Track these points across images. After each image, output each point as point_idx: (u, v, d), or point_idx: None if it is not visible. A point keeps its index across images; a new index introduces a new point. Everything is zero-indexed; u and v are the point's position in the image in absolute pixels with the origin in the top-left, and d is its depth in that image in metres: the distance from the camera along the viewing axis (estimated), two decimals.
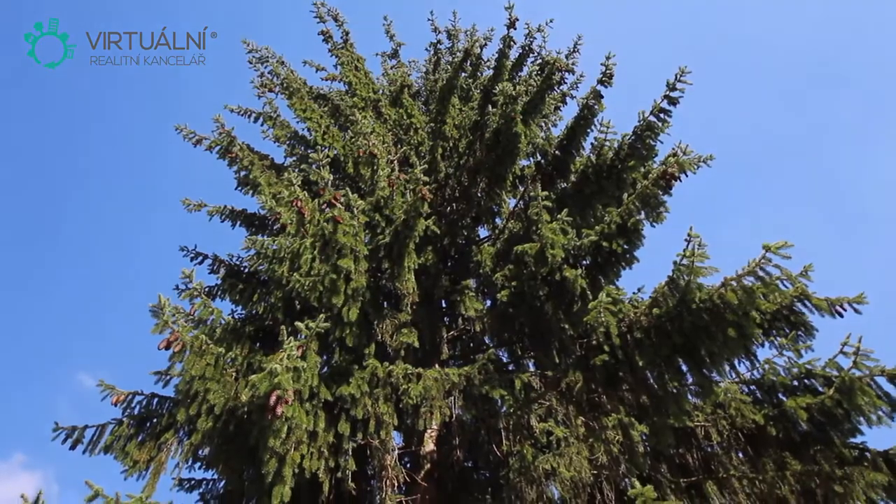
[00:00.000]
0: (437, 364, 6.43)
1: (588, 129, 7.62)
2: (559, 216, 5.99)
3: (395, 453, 5.37)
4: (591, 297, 5.46)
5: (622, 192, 6.89)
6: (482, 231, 8.97)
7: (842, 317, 5.13)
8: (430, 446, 6.05)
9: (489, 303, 7.21)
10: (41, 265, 40.90)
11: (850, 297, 5.09)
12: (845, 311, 5.11)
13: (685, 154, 5.67)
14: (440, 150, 8.47)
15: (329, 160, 6.54)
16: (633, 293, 6.80)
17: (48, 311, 41.27)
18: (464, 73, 9.83)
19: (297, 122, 9.12)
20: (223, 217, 8.54)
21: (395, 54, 12.25)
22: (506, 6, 8.68)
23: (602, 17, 43.99)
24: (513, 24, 8.88)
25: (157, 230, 43.82)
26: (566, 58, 8.56)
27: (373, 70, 10.83)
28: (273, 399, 4.11)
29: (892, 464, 5.14)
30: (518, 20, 8.89)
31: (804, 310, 5.26)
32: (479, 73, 10.48)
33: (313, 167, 7.48)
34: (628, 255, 5.84)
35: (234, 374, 5.22)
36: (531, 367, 7.01)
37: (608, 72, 7.18)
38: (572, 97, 9.30)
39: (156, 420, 5.71)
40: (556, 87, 8.64)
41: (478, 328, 6.71)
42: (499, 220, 8.72)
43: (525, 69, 9.81)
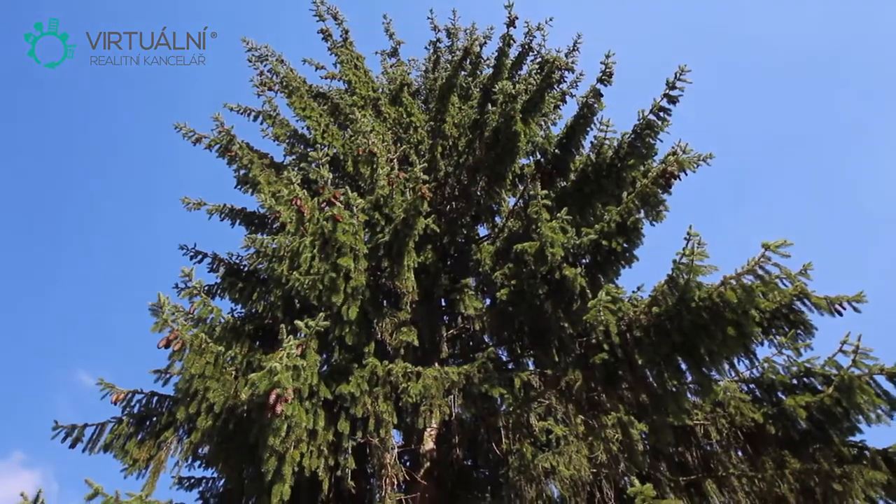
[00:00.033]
0: (436, 363, 6.44)
1: (588, 128, 7.61)
2: (559, 215, 5.99)
3: (395, 452, 5.37)
4: (590, 295, 5.47)
5: (622, 191, 6.88)
6: (482, 230, 8.98)
7: (841, 315, 5.14)
8: (429, 445, 6.05)
9: (489, 301, 7.21)
10: (41, 263, 40.91)
11: (850, 295, 5.11)
12: (844, 309, 5.12)
13: (685, 153, 5.66)
14: (440, 148, 8.47)
15: (328, 159, 6.52)
16: (633, 292, 6.82)
17: (48, 310, 41.31)
18: (463, 72, 9.82)
19: (297, 121, 9.11)
20: (223, 215, 8.54)
21: (394, 52, 12.23)
22: (505, 4, 8.66)
23: (602, 15, 43.96)
24: (512, 23, 8.86)
25: (156, 229, 43.83)
26: (566, 56, 8.54)
27: (372, 68, 10.83)
28: (273, 397, 4.10)
29: (891, 462, 5.15)
30: (518, 18, 8.87)
31: (803, 308, 5.28)
32: (478, 72, 10.48)
33: (313, 166, 7.47)
34: (628, 254, 5.85)
35: (233, 372, 5.22)
36: (531, 366, 7.01)
37: (608, 70, 7.18)
38: (572, 96, 9.28)
39: (155, 418, 5.72)
40: (555, 86, 8.62)
41: (477, 327, 6.72)
42: (498, 219, 8.72)
43: (525, 68, 9.81)
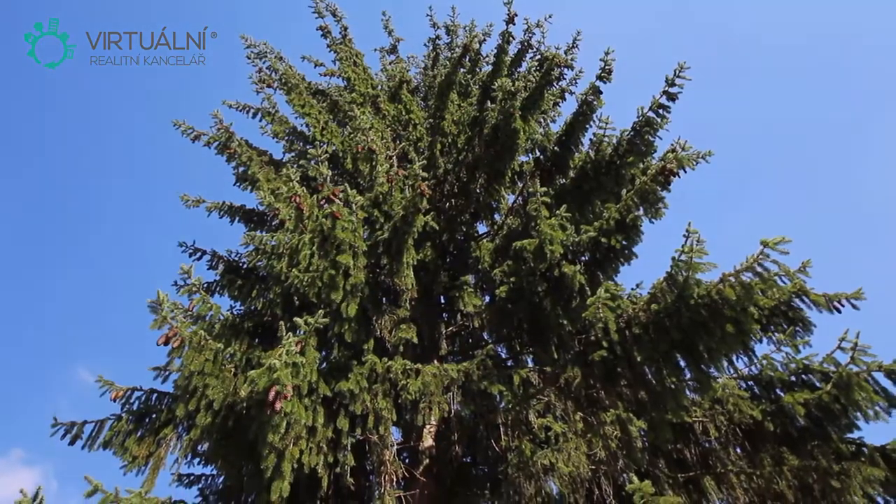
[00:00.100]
0: (435, 360, 6.45)
1: (587, 125, 7.61)
2: (558, 212, 5.99)
3: (394, 448, 5.38)
4: (589, 292, 5.47)
5: (621, 188, 6.88)
6: (481, 227, 8.97)
7: (839, 312, 5.15)
8: (428, 442, 6.06)
9: (488, 299, 7.21)
10: (40, 261, 40.86)
11: (848, 292, 5.12)
12: (843, 306, 5.13)
13: (684, 150, 5.66)
14: (439, 145, 8.46)
15: (328, 156, 6.52)
16: (632, 289, 6.84)
17: (48, 307, 41.28)
18: (462, 69, 9.80)
19: (296, 118, 9.10)
20: (222, 213, 8.53)
21: (393, 50, 12.21)
22: (505, 2, 8.64)
23: (601, 13, 43.88)
24: (511, 20, 8.84)
25: (156, 227, 43.79)
26: (565, 53, 8.53)
27: (371, 66, 10.81)
28: (272, 394, 4.11)
29: (888, 459, 5.16)
30: (517, 15, 8.85)
31: (802, 305, 5.29)
32: (477, 69, 10.46)
33: (312, 163, 7.47)
34: (627, 251, 5.84)
35: (232, 369, 5.22)
36: (530, 363, 7.01)
37: (607, 67, 7.17)
38: (571, 93, 9.25)
39: (155, 415, 5.72)
40: (554, 83, 8.60)
41: (476, 324, 6.72)
42: (497, 216, 8.72)
43: (524, 65, 9.80)
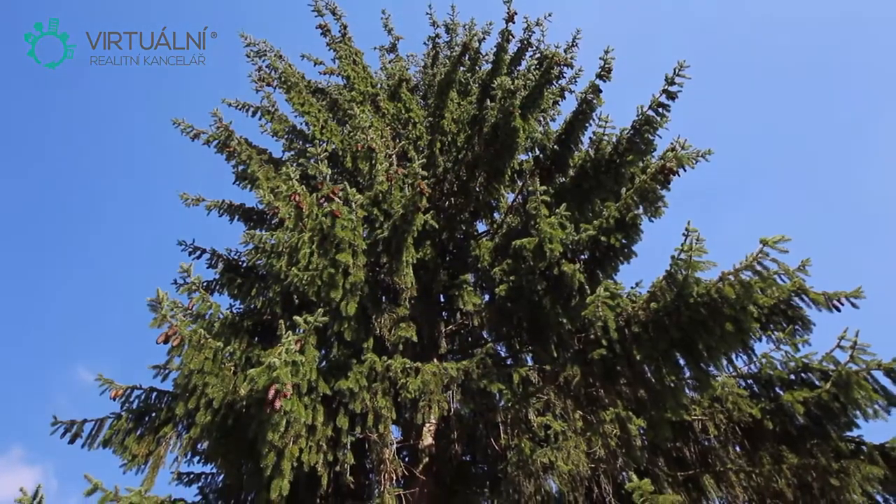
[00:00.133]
0: (435, 358, 6.45)
1: (586, 124, 7.60)
2: (557, 211, 5.99)
3: (394, 447, 5.38)
4: (589, 291, 5.47)
5: (620, 187, 6.87)
6: (480, 226, 8.97)
7: (839, 311, 5.16)
8: (428, 440, 6.06)
9: (487, 297, 7.21)
10: (40, 259, 40.84)
11: (848, 291, 5.12)
12: (842, 305, 5.14)
13: (683, 149, 5.65)
14: (438, 144, 8.46)
15: (327, 154, 6.51)
16: (631, 287, 6.80)
17: (47, 306, 41.27)
18: (462, 68, 9.79)
19: (296, 117, 9.10)
20: (221, 211, 8.53)
21: (393, 48, 12.20)
22: (504, 0, 8.64)
23: (601, 11, 43.84)
24: (511, 19, 8.84)
25: (156, 225, 43.77)
26: (565, 52, 8.54)
27: (371, 64, 10.81)
28: (271, 393, 4.11)
29: (887, 457, 5.16)
30: (516, 14, 8.85)
31: (801, 304, 5.30)
32: (477, 68, 10.45)
33: (311, 161, 7.45)
34: (626, 250, 5.84)
35: (232, 368, 5.22)
36: (529, 362, 7.02)
37: (607, 66, 7.17)
38: (571, 92, 9.26)
39: (154, 414, 5.72)
40: (554, 82, 8.60)
41: (476, 322, 6.72)
42: (497, 215, 8.72)
43: (523, 63, 9.80)
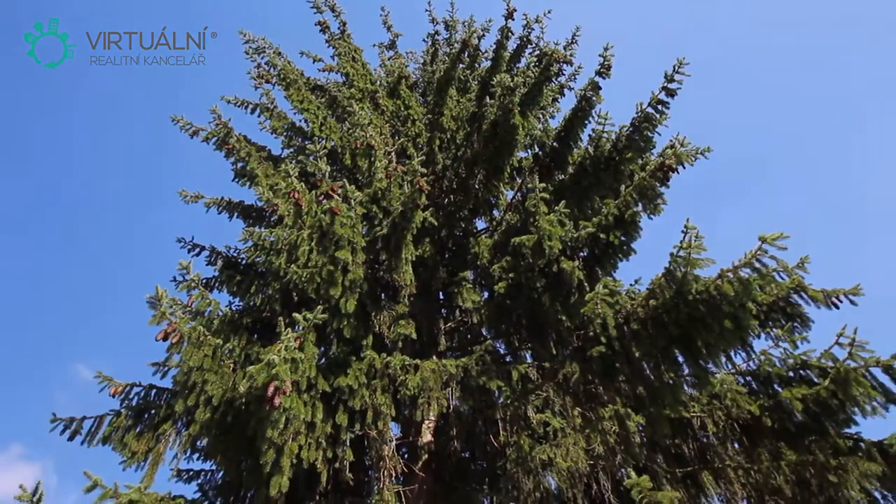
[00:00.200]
0: (434, 355, 6.45)
1: (586, 121, 7.58)
2: (557, 208, 5.98)
3: (393, 444, 5.38)
4: (588, 288, 5.47)
5: (620, 184, 6.87)
6: (480, 223, 8.96)
7: (838, 308, 5.16)
8: (427, 437, 6.07)
9: (487, 294, 7.20)
10: (39, 257, 40.81)
11: (846, 288, 5.13)
12: (841, 302, 5.14)
13: (683, 146, 5.63)
14: (438, 141, 8.45)
15: (326, 151, 6.52)
16: (630, 285, 6.80)
17: (47, 304, 41.26)
18: (461, 65, 9.78)
19: (295, 114, 9.09)
20: (220, 208, 8.53)
21: (392, 45, 12.18)
22: None
23: (601, 8, 43.75)
24: (511, 15, 8.83)
25: (156, 223, 43.75)
26: (564, 49, 8.51)
27: (370, 61, 10.80)
28: (271, 390, 4.11)
29: (886, 454, 5.17)
30: (516, 11, 8.85)
31: (800, 301, 5.31)
32: (476, 65, 10.43)
33: (310, 158, 7.44)
34: (625, 247, 5.83)
35: (231, 365, 5.21)
36: (528, 359, 7.01)
37: (606, 63, 7.16)
38: (570, 89, 9.27)
39: (154, 411, 5.72)
40: (553, 79, 8.57)
41: (475, 320, 6.72)
42: (496, 212, 8.70)
43: (523, 60, 9.77)
